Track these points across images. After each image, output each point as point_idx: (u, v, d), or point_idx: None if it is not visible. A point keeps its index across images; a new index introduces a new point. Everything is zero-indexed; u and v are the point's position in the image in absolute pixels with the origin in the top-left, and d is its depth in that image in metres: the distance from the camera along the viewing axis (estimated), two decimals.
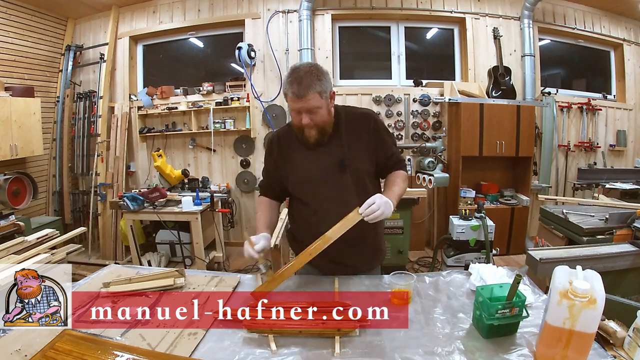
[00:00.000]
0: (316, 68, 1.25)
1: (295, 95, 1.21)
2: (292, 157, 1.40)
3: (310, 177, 1.37)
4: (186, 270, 1.39)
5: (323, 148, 1.34)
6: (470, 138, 3.79)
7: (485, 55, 4.17)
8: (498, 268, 1.30)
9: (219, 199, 3.59)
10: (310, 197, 1.39)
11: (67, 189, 4.43)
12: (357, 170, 1.35)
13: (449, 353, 0.94)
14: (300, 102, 1.22)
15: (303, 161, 1.37)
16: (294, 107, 1.25)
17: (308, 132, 1.29)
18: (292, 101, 1.23)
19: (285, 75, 1.27)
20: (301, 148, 1.37)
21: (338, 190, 1.35)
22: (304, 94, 1.20)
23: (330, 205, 1.34)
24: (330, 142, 1.34)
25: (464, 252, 2.98)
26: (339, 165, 1.33)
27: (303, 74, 1.21)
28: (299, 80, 1.20)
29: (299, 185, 1.40)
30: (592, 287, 0.84)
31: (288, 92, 1.23)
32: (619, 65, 4.60)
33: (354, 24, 4.31)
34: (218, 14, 4.19)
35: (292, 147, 1.39)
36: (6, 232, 2.30)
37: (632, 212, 2.23)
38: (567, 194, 4.40)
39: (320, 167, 1.35)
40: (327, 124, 1.31)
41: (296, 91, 1.20)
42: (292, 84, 1.21)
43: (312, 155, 1.35)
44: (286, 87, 1.24)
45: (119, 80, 4.38)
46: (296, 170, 1.39)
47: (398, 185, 1.36)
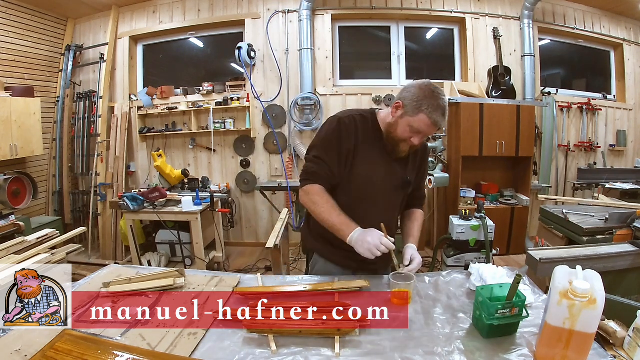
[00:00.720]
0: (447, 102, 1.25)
1: (435, 124, 1.21)
2: (367, 151, 1.31)
3: (377, 182, 1.34)
4: (186, 270, 1.39)
5: (398, 163, 1.37)
6: (470, 138, 3.79)
7: (485, 55, 4.17)
8: (498, 268, 1.30)
9: (219, 199, 3.59)
10: (363, 200, 1.34)
11: (67, 189, 4.43)
12: (406, 191, 1.43)
13: (449, 353, 0.94)
14: (431, 130, 1.23)
15: (376, 163, 1.33)
16: (423, 130, 1.23)
17: (405, 147, 1.30)
18: (426, 125, 1.21)
19: (422, 90, 1.21)
20: (377, 148, 1.33)
21: (391, 206, 1.41)
22: (441, 126, 1.22)
23: (378, 216, 1.31)
24: (402, 160, 1.38)
25: (464, 252, 2.97)
26: (404, 183, 1.39)
27: (445, 104, 1.21)
28: (443, 110, 1.20)
29: (360, 185, 1.32)
30: (592, 287, 0.84)
31: (429, 114, 1.19)
32: (619, 65, 4.60)
33: (354, 24, 4.31)
34: (218, 14, 4.19)
35: (368, 142, 1.32)
36: (6, 232, 2.30)
37: (632, 212, 2.23)
38: (567, 194, 4.40)
39: (390, 178, 1.36)
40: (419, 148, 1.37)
41: (439, 121, 1.20)
42: (437, 110, 1.19)
43: (386, 162, 1.35)
44: (428, 108, 1.19)
45: (119, 80, 4.38)
46: (367, 168, 1.32)
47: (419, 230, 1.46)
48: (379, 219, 1.29)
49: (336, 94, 4.15)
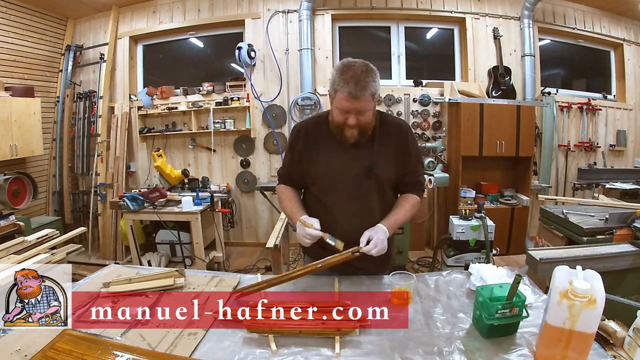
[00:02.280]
0: (370, 67, 1.20)
1: (352, 95, 1.15)
2: (318, 150, 1.35)
3: (334, 175, 1.33)
4: (186, 270, 1.39)
5: (354, 150, 1.30)
6: (470, 138, 3.79)
7: (485, 55, 4.17)
8: (498, 268, 1.30)
9: (219, 199, 3.59)
10: (328, 195, 1.36)
11: (67, 189, 4.43)
12: (381, 178, 1.33)
13: (449, 353, 0.94)
14: (353, 103, 1.17)
15: (330, 158, 1.34)
16: (344, 106, 1.19)
17: (350, 132, 1.25)
18: (345, 100, 1.17)
19: (336, 69, 1.19)
20: (330, 143, 1.33)
21: (360, 194, 1.33)
22: (360, 95, 1.15)
23: (348, 208, 1.33)
24: (363, 146, 1.31)
25: (464, 252, 2.98)
26: (366, 170, 1.31)
27: (360, 72, 1.16)
28: (357, 79, 1.14)
29: (320, 181, 1.37)
30: (592, 287, 0.84)
31: (342, 89, 1.16)
32: (619, 65, 4.60)
33: (354, 24, 4.31)
34: (218, 14, 4.19)
35: (320, 141, 1.35)
36: (6, 232, 2.30)
37: (632, 212, 2.23)
38: (567, 194, 4.40)
39: (347, 168, 1.32)
40: (369, 126, 1.28)
41: (352, 91, 1.14)
42: (349, 82, 1.14)
43: (341, 154, 1.32)
44: (339, 84, 1.16)
45: (119, 80, 4.38)
46: (320, 166, 1.35)
47: (403, 212, 1.35)
48: (348, 208, 1.33)
49: None
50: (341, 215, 1.32)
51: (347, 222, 1.27)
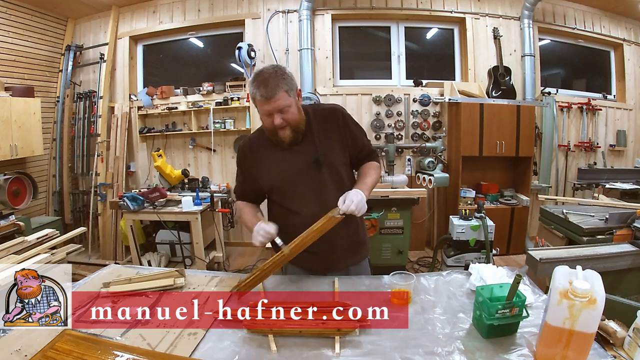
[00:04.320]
0: (279, 68, 1.26)
1: (264, 97, 1.22)
2: (266, 160, 1.40)
3: (287, 177, 1.37)
4: (186, 270, 1.39)
5: (297, 147, 1.35)
6: (470, 138, 3.79)
7: (485, 55, 4.17)
8: (498, 268, 1.30)
9: (219, 199, 3.59)
10: (289, 198, 1.39)
11: (67, 189, 4.43)
12: (332, 165, 1.37)
13: (449, 353, 0.94)
14: (270, 104, 1.23)
15: (278, 163, 1.37)
16: (265, 110, 1.25)
17: (282, 133, 1.30)
18: (262, 104, 1.24)
19: (250, 80, 1.27)
20: (274, 151, 1.37)
21: (316, 188, 1.35)
22: (272, 94, 1.21)
23: (311, 204, 1.34)
24: (303, 142, 1.35)
25: (464, 252, 2.98)
26: (314, 163, 1.34)
27: (268, 75, 1.22)
28: (265, 82, 1.21)
29: (277, 188, 1.40)
30: (592, 287, 0.84)
31: (256, 95, 1.23)
32: (619, 65, 4.60)
33: (354, 24, 4.31)
34: (218, 14, 4.19)
35: (264, 151, 1.40)
36: (6, 232, 2.30)
37: (632, 212, 2.23)
38: (567, 194, 4.40)
39: (296, 167, 1.35)
40: (299, 122, 1.32)
41: (264, 93, 1.21)
42: (259, 87, 1.22)
43: (287, 156, 1.36)
44: (253, 91, 1.24)
45: (119, 80, 4.38)
46: (272, 173, 1.39)
47: (370, 176, 1.40)
48: (308, 204, 1.35)
49: (336, 94, 4.14)
50: (303, 212, 1.35)
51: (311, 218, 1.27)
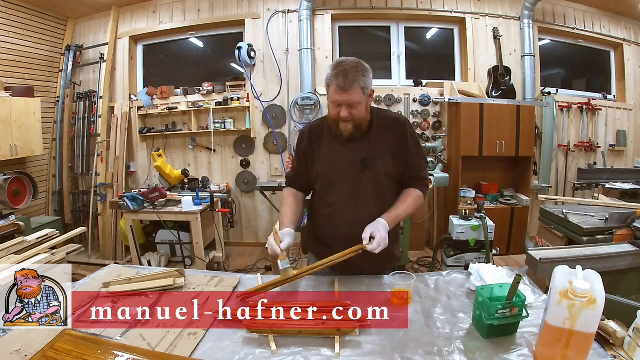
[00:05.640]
0: (362, 64, 1.27)
1: (340, 88, 1.23)
2: (320, 150, 1.42)
3: (332, 171, 1.39)
4: (186, 270, 1.39)
5: (351, 144, 1.35)
6: (470, 138, 3.79)
7: (485, 55, 4.17)
8: (498, 268, 1.30)
9: (219, 199, 3.59)
10: (328, 191, 1.41)
11: (67, 189, 4.43)
12: (377, 171, 1.35)
13: (449, 353, 0.94)
14: (343, 95, 1.24)
15: (330, 155, 1.39)
16: (336, 99, 1.26)
17: (344, 125, 1.31)
18: (336, 93, 1.25)
19: (331, 66, 1.28)
20: (331, 142, 1.39)
21: (355, 188, 1.36)
22: (348, 87, 1.22)
23: (346, 202, 1.36)
24: (359, 140, 1.35)
25: (464, 252, 2.98)
26: (361, 163, 1.34)
27: (349, 67, 1.24)
28: (345, 73, 1.22)
29: (321, 179, 1.42)
30: (592, 287, 0.84)
31: (332, 83, 1.25)
32: (619, 65, 4.60)
33: (354, 24, 4.31)
34: (218, 14, 4.19)
35: (321, 140, 1.42)
36: (6, 232, 2.30)
37: (632, 212, 2.23)
38: (567, 194, 4.40)
39: (343, 163, 1.36)
40: (363, 121, 1.33)
41: (341, 84, 1.22)
42: (338, 76, 1.23)
43: (340, 150, 1.37)
44: (330, 78, 1.25)
45: (119, 80, 4.38)
46: (321, 164, 1.41)
47: (405, 207, 1.35)
48: (345, 202, 1.36)
49: None
50: (340, 209, 1.37)
51: (345, 215, 1.31)
